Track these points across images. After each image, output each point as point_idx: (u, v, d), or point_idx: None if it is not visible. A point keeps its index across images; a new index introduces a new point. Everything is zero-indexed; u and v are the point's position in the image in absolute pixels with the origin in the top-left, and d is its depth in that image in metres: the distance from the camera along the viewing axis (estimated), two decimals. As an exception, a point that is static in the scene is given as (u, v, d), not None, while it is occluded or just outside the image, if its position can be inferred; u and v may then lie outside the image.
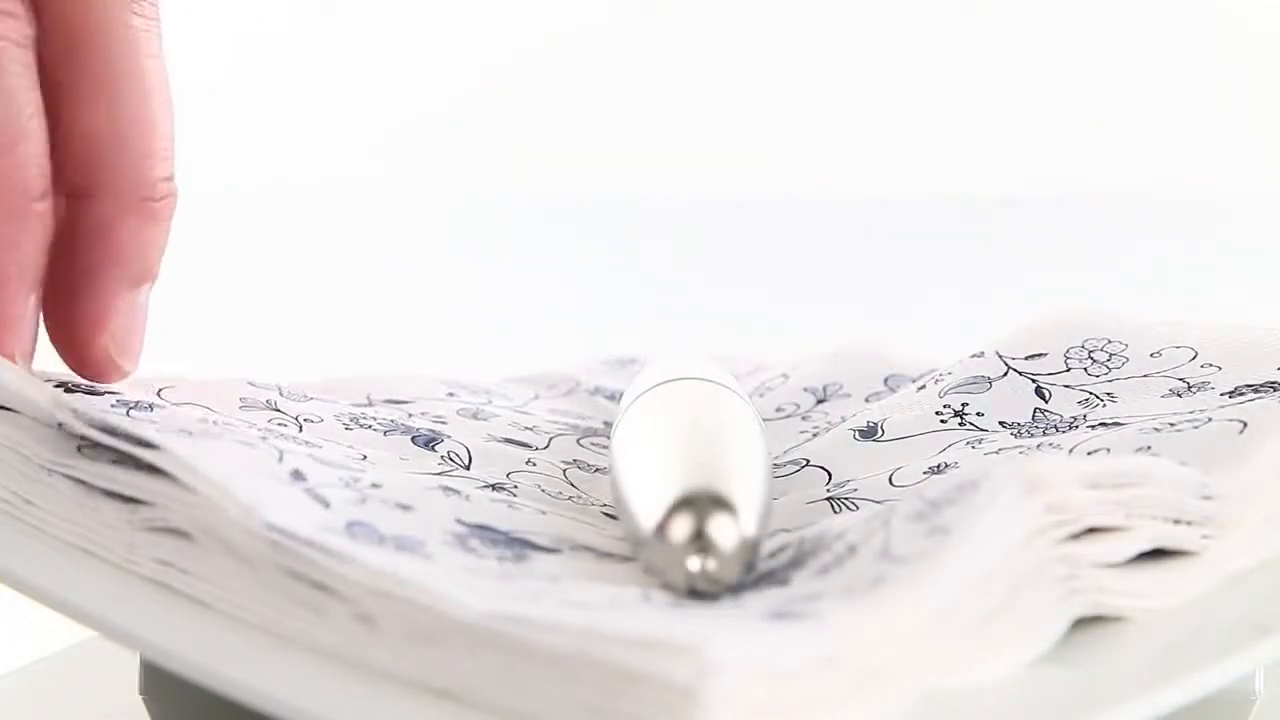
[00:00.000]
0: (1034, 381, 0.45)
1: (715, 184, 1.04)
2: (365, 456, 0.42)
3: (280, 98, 1.05)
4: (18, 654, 0.47)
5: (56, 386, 0.41)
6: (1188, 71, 1.04)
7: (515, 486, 0.42)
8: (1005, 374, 0.45)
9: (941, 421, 0.45)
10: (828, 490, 0.43)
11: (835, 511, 0.41)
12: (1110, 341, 0.45)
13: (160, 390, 0.43)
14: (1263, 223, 0.99)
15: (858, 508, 0.41)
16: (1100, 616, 0.35)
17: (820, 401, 0.50)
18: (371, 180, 1.03)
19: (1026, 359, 0.46)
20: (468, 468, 0.43)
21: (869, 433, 0.45)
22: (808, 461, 0.45)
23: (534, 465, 0.44)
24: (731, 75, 1.07)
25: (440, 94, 1.07)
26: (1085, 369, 0.45)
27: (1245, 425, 0.39)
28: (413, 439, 0.44)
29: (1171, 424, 0.41)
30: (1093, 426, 0.42)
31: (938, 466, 0.42)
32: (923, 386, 0.46)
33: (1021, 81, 1.05)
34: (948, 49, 1.06)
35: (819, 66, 1.06)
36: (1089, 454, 0.40)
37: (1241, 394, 0.42)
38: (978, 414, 0.44)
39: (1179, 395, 0.43)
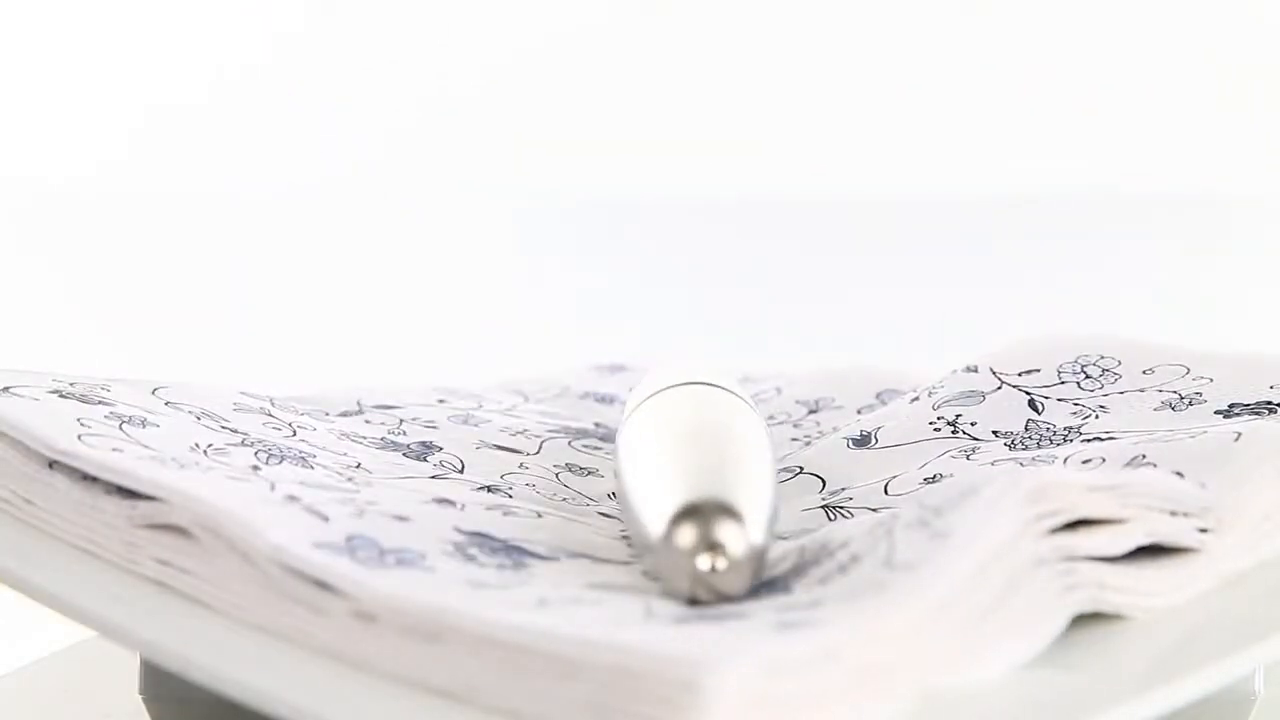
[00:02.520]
0: (1027, 395, 0.45)
1: (713, 184, 1.04)
2: (360, 464, 0.42)
3: (269, 107, 1.05)
4: (18, 654, 0.47)
5: (50, 392, 0.41)
6: (1187, 72, 1.05)
7: (510, 489, 0.42)
8: (998, 388, 0.46)
9: (935, 430, 0.45)
10: (822, 498, 0.43)
11: (831, 519, 0.41)
12: (1103, 358, 0.46)
13: (155, 390, 0.43)
14: (1263, 223, 0.99)
15: (853, 515, 0.41)
16: (1100, 616, 0.35)
17: (812, 412, 0.50)
18: (367, 181, 1.03)
19: (1019, 375, 0.46)
20: (461, 472, 0.43)
21: (862, 441, 0.45)
22: (801, 469, 0.45)
23: (526, 469, 0.44)
24: (730, 75, 1.07)
25: (431, 95, 1.07)
26: (1078, 383, 0.45)
27: (1240, 434, 0.39)
28: (404, 454, 0.44)
29: (1166, 439, 0.41)
30: (1087, 441, 0.42)
31: (933, 476, 0.42)
32: (915, 399, 0.46)
33: (1021, 81, 1.05)
34: (947, 49, 1.06)
35: (818, 66, 1.06)
36: (1084, 462, 0.40)
37: (1236, 414, 0.42)
38: (971, 424, 0.45)
39: (1172, 408, 0.43)
